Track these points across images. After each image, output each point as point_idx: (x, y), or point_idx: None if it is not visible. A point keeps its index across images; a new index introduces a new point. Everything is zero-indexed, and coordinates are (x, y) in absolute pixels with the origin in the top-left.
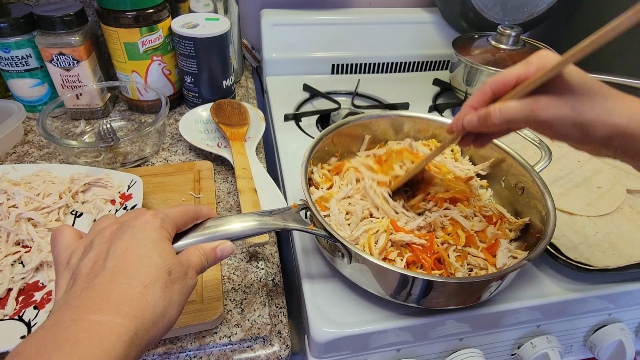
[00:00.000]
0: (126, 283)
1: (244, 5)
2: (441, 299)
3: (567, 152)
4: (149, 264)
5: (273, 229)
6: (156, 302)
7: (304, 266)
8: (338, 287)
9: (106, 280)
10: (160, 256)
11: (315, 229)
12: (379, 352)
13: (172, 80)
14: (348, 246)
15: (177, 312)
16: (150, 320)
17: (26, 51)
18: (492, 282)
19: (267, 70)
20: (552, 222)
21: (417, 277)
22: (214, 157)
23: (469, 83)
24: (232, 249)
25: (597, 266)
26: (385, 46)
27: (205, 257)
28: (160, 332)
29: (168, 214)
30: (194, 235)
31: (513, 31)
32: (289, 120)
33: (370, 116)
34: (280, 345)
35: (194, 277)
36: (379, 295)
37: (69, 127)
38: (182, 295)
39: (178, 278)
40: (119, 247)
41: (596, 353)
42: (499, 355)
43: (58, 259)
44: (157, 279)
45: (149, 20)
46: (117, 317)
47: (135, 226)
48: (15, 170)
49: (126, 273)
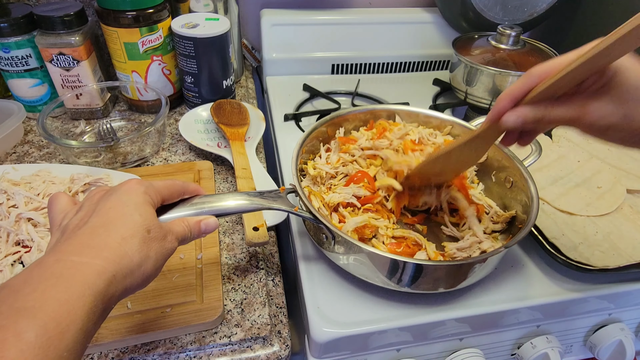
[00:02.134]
0: (106, 234)
1: (244, 5)
2: (427, 281)
3: (567, 152)
4: (129, 220)
5: (260, 208)
6: (133, 252)
7: (304, 266)
8: (338, 287)
9: (88, 231)
10: (141, 216)
11: (300, 211)
12: (379, 352)
13: (172, 80)
14: (330, 227)
15: (153, 267)
16: (127, 267)
17: (26, 51)
18: (476, 265)
19: (267, 70)
20: (535, 207)
21: (393, 258)
22: (214, 157)
23: (469, 83)
24: (215, 224)
25: (597, 266)
26: (385, 46)
27: (189, 228)
28: (136, 281)
29: (153, 183)
30: (181, 208)
31: (513, 31)
32: (289, 120)
33: (365, 109)
34: (280, 345)
35: (174, 242)
36: (368, 280)
37: (69, 127)
38: (160, 255)
39: (156, 238)
40: (104, 207)
41: (596, 353)
42: (499, 355)
43: (53, 222)
44: (135, 234)
45: (149, 20)
46: (96, 259)
47: (120, 190)
48: (15, 170)
49: (107, 227)
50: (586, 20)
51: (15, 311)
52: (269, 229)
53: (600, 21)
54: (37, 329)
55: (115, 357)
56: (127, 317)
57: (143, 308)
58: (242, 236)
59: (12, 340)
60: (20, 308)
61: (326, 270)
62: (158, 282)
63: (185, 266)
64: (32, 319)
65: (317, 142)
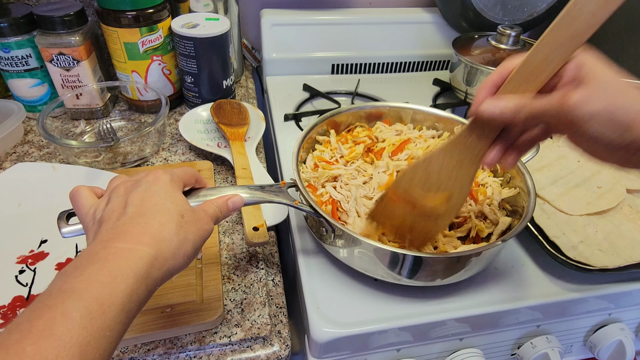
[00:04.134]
0: (145, 222)
1: (244, 5)
2: (425, 273)
3: (567, 152)
4: (163, 209)
5: (262, 201)
6: (171, 237)
7: (304, 266)
8: (338, 282)
9: (128, 221)
10: (173, 202)
11: (300, 205)
12: (379, 352)
13: (172, 80)
14: (330, 220)
15: (192, 248)
16: (167, 250)
17: (26, 51)
18: (472, 257)
19: (267, 70)
20: (532, 201)
21: (392, 250)
22: (214, 157)
23: (469, 83)
24: (242, 201)
25: (597, 266)
26: (385, 46)
27: (219, 208)
28: (178, 263)
29: (174, 171)
30: (195, 198)
31: (513, 31)
32: (289, 120)
33: (366, 106)
34: (280, 345)
35: (210, 223)
36: (368, 273)
37: (69, 127)
38: (197, 236)
39: (191, 221)
40: (136, 198)
41: (596, 353)
42: (499, 355)
43: (84, 219)
44: (171, 220)
45: (149, 20)
46: (138, 245)
47: (148, 181)
48: None
49: (144, 216)
50: None
51: (63, 292)
52: (269, 229)
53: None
54: (81, 309)
55: (115, 357)
56: None
57: (143, 308)
58: (242, 236)
59: (60, 319)
60: (68, 289)
61: (325, 265)
62: None
63: None
64: (77, 300)
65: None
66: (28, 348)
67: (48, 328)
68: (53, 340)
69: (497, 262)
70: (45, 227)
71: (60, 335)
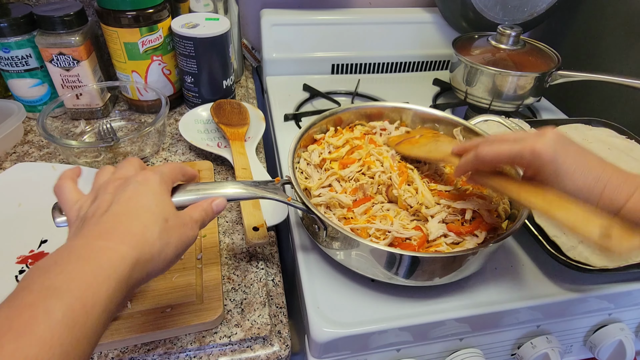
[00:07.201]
0: (128, 222)
1: (244, 5)
2: (421, 273)
3: None
4: (148, 211)
5: (255, 197)
6: (154, 240)
7: (304, 266)
8: (336, 281)
9: (111, 218)
10: (158, 206)
11: (293, 201)
12: (379, 352)
13: (172, 80)
14: (322, 218)
15: (174, 254)
16: (148, 253)
17: (26, 51)
18: (468, 257)
19: (267, 70)
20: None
21: (388, 250)
22: (214, 157)
23: (469, 83)
24: (224, 204)
25: (597, 266)
26: (385, 46)
27: (205, 211)
28: (158, 266)
29: (162, 170)
30: (181, 194)
31: (513, 31)
32: (289, 120)
33: (364, 105)
34: (280, 345)
35: (194, 229)
36: (362, 273)
37: (69, 127)
38: (180, 242)
39: (175, 226)
40: (123, 197)
41: (596, 353)
42: (499, 355)
43: (68, 212)
44: (154, 222)
45: (149, 20)
46: (121, 245)
47: (137, 181)
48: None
49: (128, 215)
50: (586, 20)
51: (46, 289)
52: (268, 229)
53: (600, 21)
54: (64, 308)
55: (115, 357)
56: (127, 317)
57: (143, 308)
58: (242, 236)
59: (42, 318)
60: (50, 287)
61: (324, 262)
62: (158, 282)
63: (185, 266)
64: (60, 298)
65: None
66: (7, 346)
67: (29, 326)
68: (34, 339)
69: (497, 262)
70: (45, 227)
71: (41, 334)
